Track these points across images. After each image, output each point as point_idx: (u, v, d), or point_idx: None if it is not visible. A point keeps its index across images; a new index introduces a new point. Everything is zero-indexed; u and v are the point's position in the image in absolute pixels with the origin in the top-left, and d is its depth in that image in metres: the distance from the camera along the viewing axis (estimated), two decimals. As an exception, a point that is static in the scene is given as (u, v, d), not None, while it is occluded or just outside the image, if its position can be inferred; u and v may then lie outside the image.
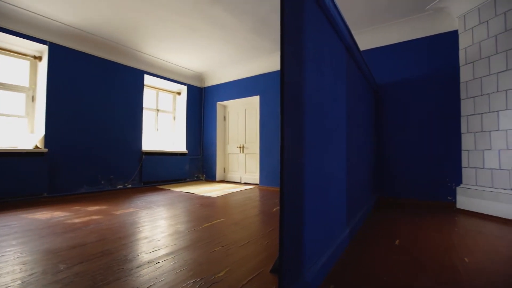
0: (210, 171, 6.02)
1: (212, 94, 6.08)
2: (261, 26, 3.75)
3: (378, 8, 3.28)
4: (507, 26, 2.56)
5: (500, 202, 2.56)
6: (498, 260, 1.61)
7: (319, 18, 1.44)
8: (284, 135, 1.03)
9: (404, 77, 3.59)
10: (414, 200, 3.42)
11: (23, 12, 3.30)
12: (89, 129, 4.08)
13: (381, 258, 1.63)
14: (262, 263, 1.53)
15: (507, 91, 2.56)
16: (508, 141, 2.55)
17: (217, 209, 3.03)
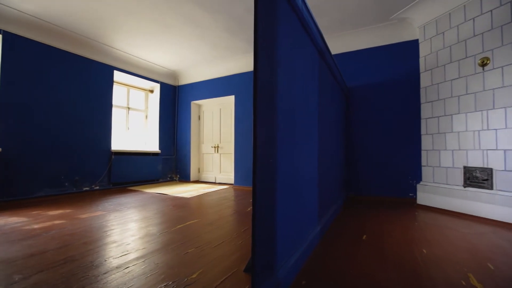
0: (184, 171, 5.88)
1: (187, 92, 5.96)
2: (236, 26, 3.75)
3: (348, 15, 3.44)
4: (459, 38, 2.83)
5: (454, 197, 2.82)
6: (451, 250, 1.78)
7: (292, 21, 1.48)
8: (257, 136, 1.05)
9: (371, 81, 3.80)
10: (381, 197, 3.64)
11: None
12: (50, 127, 3.78)
13: (350, 253, 1.71)
14: (236, 263, 1.54)
15: (459, 97, 2.83)
16: (459, 142, 2.82)
17: (191, 210, 2.97)
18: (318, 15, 3.39)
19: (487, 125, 2.57)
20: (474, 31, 2.70)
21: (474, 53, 2.69)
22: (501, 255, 1.68)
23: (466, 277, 1.37)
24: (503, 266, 1.51)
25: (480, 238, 2.01)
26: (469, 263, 1.55)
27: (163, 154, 5.72)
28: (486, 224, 2.40)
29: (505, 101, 2.43)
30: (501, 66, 2.47)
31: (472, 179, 2.68)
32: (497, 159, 2.49)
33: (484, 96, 2.60)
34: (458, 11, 2.85)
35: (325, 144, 2.31)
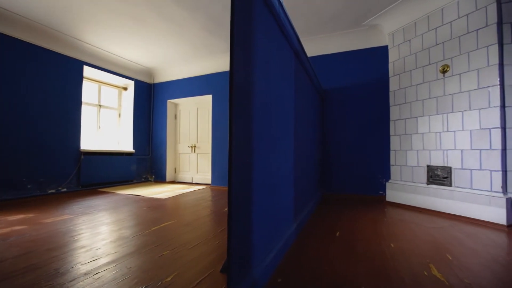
0: (159, 172, 5.71)
1: (163, 91, 5.79)
2: (213, 25, 3.71)
3: (323, 19, 3.55)
4: (424, 46, 3.05)
5: (418, 194, 3.03)
6: (416, 243, 1.91)
7: (269, 23, 1.50)
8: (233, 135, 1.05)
9: (345, 84, 3.96)
10: (353, 195, 3.81)
11: None
12: (11, 125, 3.48)
13: (324, 250, 1.78)
14: (212, 264, 1.53)
15: (423, 101, 3.04)
16: (423, 142, 3.03)
17: (166, 211, 2.90)
18: (295, 17, 3.46)
19: (447, 127, 2.79)
20: (436, 40, 2.91)
21: (436, 60, 2.90)
22: (458, 246, 1.83)
23: (428, 268, 1.48)
24: (460, 256, 1.66)
25: (441, 232, 2.18)
26: (431, 255, 1.68)
27: (137, 154, 5.51)
28: (446, 218, 2.61)
29: (462, 105, 2.66)
30: (459, 73, 2.69)
31: (434, 177, 2.90)
32: (455, 158, 2.71)
33: (445, 100, 2.82)
34: (423, 21, 3.06)
35: (301, 144, 2.37)
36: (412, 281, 1.34)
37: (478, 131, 2.52)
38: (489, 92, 2.45)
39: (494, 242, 1.93)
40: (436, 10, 2.91)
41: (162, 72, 5.71)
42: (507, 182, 2.37)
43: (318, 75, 3.96)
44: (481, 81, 2.51)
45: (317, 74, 3.93)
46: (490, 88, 2.44)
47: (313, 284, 1.31)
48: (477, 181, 2.52)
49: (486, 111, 2.47)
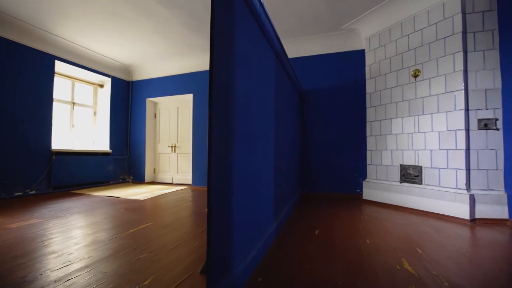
0: (138, 172, 5.54)
1: (142, 89, 5.61)
2: (194, 23, 3.66)
3: (304, 22, 3.62)
4: (397, 51, 3.21)
5: (392, 192, 3.18)
6: (389, 239, 2.01)
7: (250, 23, 1.51)
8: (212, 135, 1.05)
9: (325, 85, 4.07)
10: (332, 194, 3.92)
11: None
12: (-29, 123, 3.22)
13: (303, 248, 1.82)
14: (192, 265, 1.52)
15: (397, 103, 3.20)
16: (397, 143, 3.19)
17: (145, 213, 2.82)
18: (277, 19, 3.50)
19: (418, 129, 2.96)
20: (408, 46, 3.08)
21: (409, 65, 3.07)
22: (428, 241, 1.95)
23: (400, 262, 1.57)
24: (429, 250, 1.76)
25: (412, 227, 2.31)
26: (403, 250, 1.77)
27: (114, 154, 5.30)
28: (417, 215, 2.77)
29: (432, 108, 2.83)
30: (429, 78, 2.86)
31: (406, 176, 3.06)
32: (425, 158, 2.88)
33: (416, 103, 2.98)
34: (397, 27, 3.22)
35: (281, 144, 2.40)
36: (386, 275, 1.41)
37: (445, 133, 2.70)
38: (455, 96, 2.63)
39: (458, 236, 2.07)
40: (408, 18, 3.07)
41: (141, 70, 5.54)
42: (470, 180, 2.56)
43: (299, 76, 4.03)
44: (448, 86, 2.68)
45: (298, 75, 4.00)
46: (456, 92, 2.62)
47: (292, 282, 1.33)
48: (444, 179, 2.70)
49: (452, 113, 2.65)
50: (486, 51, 2.56)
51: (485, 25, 2.58)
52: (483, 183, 2.53)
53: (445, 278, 1.36)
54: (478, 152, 2.55)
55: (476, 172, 2.55)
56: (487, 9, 2.58)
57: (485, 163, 2.53)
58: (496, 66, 2.53)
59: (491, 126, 2.51)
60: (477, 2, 2.61)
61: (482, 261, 1.59)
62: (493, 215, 2.46)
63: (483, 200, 2.48)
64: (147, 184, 5.38)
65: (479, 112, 2.55)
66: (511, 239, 2.01)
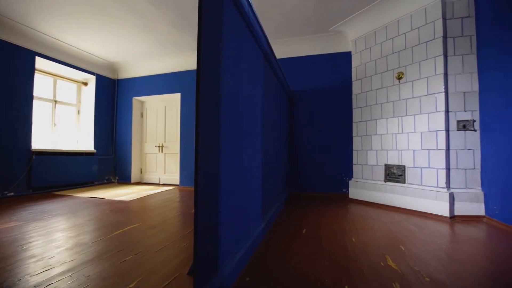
0: (124, 173, 5.41)
1: (128, 87, 5.49)
2: (183, 21, 3.62)
3: (292, 23, 3.66)
4: (382, 53, 3.30)
5: (377, 191, 3.27)
6: (374, 237, 2.06)
7: (238, 23, 1.51)
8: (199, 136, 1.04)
9: (313, 86, 4.12)
10: (319, 194, 3.98)
11: None
12: None
13: (291, 247, 1.83)
14: (179, 267, 1.50)
15: (381, 104, 3.29)
16: (382, 143, 3.28)
17: (131, 214, 2.76)
18: (265, 20, 3.52)
19: (401, 129, 3.05)
20: (393, 49, 3.17)
21: (393, 67, 3.16)
22: (410, 238, 2.02)
23: (384, 259, 1.61)
24: (411, 247, 1.83)
25: (396, 225, 2.38)
26: (387, 247, 1.83)
27: (99, 154, 5.16)
28: (401, 213, 2.85)
29: (414, 109, 2.93)
30: (412, 80, 2.96)
31: (391, 175, 3.15)
32: (408, 157, 2.98)
33: (400, 104, 3.08)
34: (381, 30, 3.31)
35: (269, 144, 2.42)
36: (370, 271, 1.45)
37: (427, 133, 2.80)
38: (436, 98, 2.73)
39: (439, 233, 2.16)
40: (393, 22, 3.17)
41: (127, 68, 5.42)
42: (450, 179, 2.67)
43: (287, 77, 4.07)
44: (430, 88, 2.79)
45: (286, 75, 4.03)
46: (437, 94, 2.73)
47: (280, 281, 1.35)
48: (426, 178, 2.80)
49: (433, 115, 2.75)
50: (464, 55, 2.68)
51: (464, 30, 2.70)
52: (461, 182, 2.64)
53: (426, 274, 1.42)
54: (457, 152, 2.66)
55: (455, 171, 2.66)
56: (466, 16, 2.70)
57: (463, 162, 2.65)
58: (473, 70, 2.65)
59: (469, 127, 2.63)
60: (456, 9, 2.72)
61: (460, 256, 1.66)
62: (471, 212, 2.57)
63: (461, 198, 2.59)
64: (133, 184, 5.27)
65: (458, 114, 2.67)
66: (487, 235, 2.11)
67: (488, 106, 2.51)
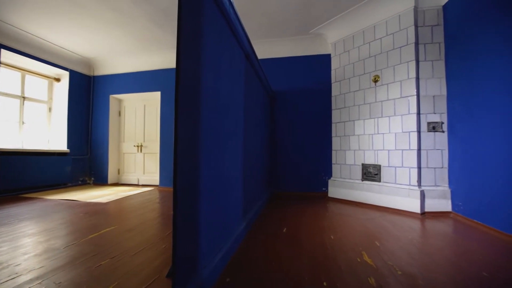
0: (100, 173, 5.19)
1: (105, 84, 5.26)
2: (163, 18, 3.54)
3: (274, 24, 3.70)
4: (360, 57, 3.42)
5: (355, 189, 3.39)
6: (351, 234, 2.14)
7: (219, 22, 1.51)
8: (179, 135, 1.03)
9: (293, 87, 4.19)
10: (300, 193, 4.06)
11: None
12: None
13: (272, 246, 1.86)
14: (158, 269, 1.47)
15: (359, 106, 3.41)
16: (359, 143, 3.40)
17: (107, 216, 2.66)
18: (247, 20, 3.52)
19: (377, 130, 3.19)
20: (369, 53, 3.30)
21: (370, 70, 3.29)
22: (385, 234, 2.12)
23: (360, 255, 1.68)
24: (385, 243, 1.91)
25: (372, 222, 2.48)
26: (363, 243, 1.90)
27: (73, 154, 4.91)
28: (377, 210, 2.98)
29: (389, 111, 3.07)
30: (387, 83, 3.10)
31: (367, 174, 3.28)
32: (383, 157, 3.11)
33: (376, 106, 3.21)
34: (359, 35, 3.43)
35: (250, 143, 2.43)
36: (347, 267, 1.50)
37: (401, 134, 2.94)
38: (409, 101, 2.88)
39: (411, 228, 2.28)
40: (370, 27, 3.30)
41: (104, 64, 5.19)
42: (421, 177, 2.83)
43: (268, 77, 4.10)
44: (403, 91, 2.93)
45: (267, 76, 4.06)
46: (409, 97, 2.88)
47: (260, 281, 1.36)
48: (400, 176, 2.94)
49: (406, 117, 2.90)
50: (434, 61, 2.85)
51: (433, 37, 2.87)
52: (431, 180, 2.81)
53: (399, 267, 1.49)
54: (427, 152, 2.83)
55: (426, 170, 2.82)
56: (435, 24, 2.87)
57: (433, 162, 2.82)
58: (442, 75, 2.83)
59: (438, 128, 2.80)
60: (427, 17, 2.89)
61: (429, 250, 1.77)
62: (439, 208, 2.74)
63: (431, 195, 2.76)
64: (110, 185, 5.07)
65: (429, 116, 2.83)
66: (453, 229, 2.26)
67: (454, 109, 2.69)
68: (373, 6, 3.14)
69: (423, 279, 1.36)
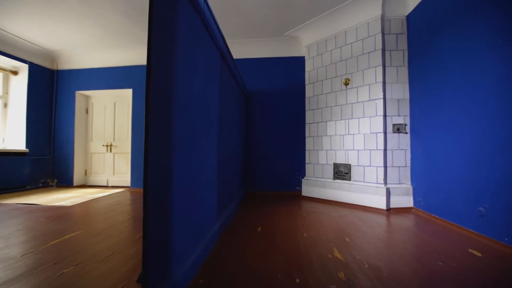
0: (65, 175, 4.85)
1: (70, 80, 4.92)
2: (136, 12, 3.39)
3: (250, 25, 3.71)
4: (332, 60, 3.56)
5: (327, 188, 3.52)
6: (323, 231, 2.22)
7: (194, 20, 1.49)
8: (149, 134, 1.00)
9: (269, 87, 4.25)
10: (275, 192, 4.12)
11: None
12: None
13: (246, 246, 1.87)
14: (128, 274, 1.42)
15: (331, 107, 3.55)
16: (331, 143, 3.54)
17: (72, 221, 2.50)
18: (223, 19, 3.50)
19: (348, 131, 3.34)
20: (341, 57, 3.45)
21: (341, 74, 3.44)
22: (354, 230, 2.22)
23: (331, 251, 1.75)
24: (355, 238, 2.01)
25: (342, 219, 2.60)
26: (334, 240, 1.98)
27: (33, 154, 4.53)
28: (348, 208, 3.12)
29: (359, 113, 3.23)
30: (356, 87, 3.26)
31: (339, 173, 3.42)
32: (353, 157, 3.27)
33: (347, 108, 3.36)
34: (331, 39, 3.57)
35: (225, 143, 2.42)
36: (319, 263, 1.56)
37: (369, 135, 3.11)
38: (376, 104, 3.06)
39: (378, 224, 2.42)
40: (341, 32, 3.44)
41: (69, 58, 4.85)
42: (387, 176, 3.01)
43: (244, 77, 4.11)
44: (371, 94, 3.10)
45: (243, 76, 4.07)
46: (377, 100, 3.05)
47: (234, 281, 1.37)
48: (368, 175, 3.11)
49: (374, 118, 3.07)
50: (398, 67, 3.05)
51: (398, 45, 3.07)
52: (396, 178, 3.01)
53: (366, 261, 1.58)
54: (392, 152, 3.02)
55: (391, 169, 3.01)
56: (400, 32, 3.08)
57: (397, 161, 3.01)
58: (405, 80, 3.04)
59: (402, 130, 3.00)
60: (392, 25, 3.09)
61: (394, 243, 1.90)
62: (402, 204, 2.95)
63: (396, 192, 2.95)
64: (76, 188, 4.76)
65: (394, 118, 3.03)
66: (414, 224, 2.44)
67: (415, 112, 2.90)
68: (344, 12, 3.29)
69: (387, 271, 1.46)
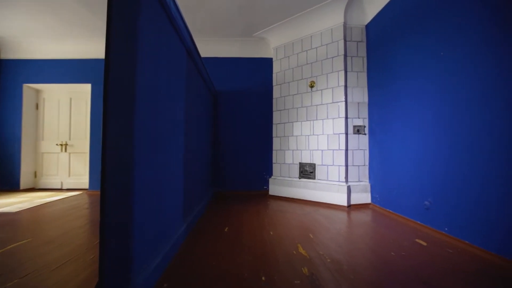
0: (9, 178, 4.33)
1: (16, 71, 4.40)
2: (95, 2, 3.16)
3: (218, 24, 3.69)
4: (298, 63, 3.69)
5: (293, 187, 3.64)
6: (289, 228, 2.29)
7: (158, 15, 1.44)
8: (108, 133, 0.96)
9: (237, 87, 4.26)
10: (243, 192, 4.15)
11: None
12: None
13: (213, 246, 1.86)
14: (84, 283, 1.33)
15: (297, 109, 3.68)
16: (297, 143, 3.67)
17: (18, 229, 2.25)
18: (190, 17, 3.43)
19: (313, 132, 3.49)
20: (307, 60, 3.59)
21: (307, 76, 3.58)
22: (318, 227, 2.33)
23: (296, 247, 1.82)
24: (318, 234, 2.12)
25: (307, 216, 2.71)
26: (299, 236, 2.06)
27: (-33, 154, 3.97)
28: (313, 205, 3.26)
29: (323, 114, 3.40)
30: (321, 89, 3.42)
31: (304, 172, 3.56)
32: (318, 156, 3.43)
33: (312, 110, 3.51)
34: (298, 42, 3.70)
35: (191, 143, 2.38)
36: (285, 260, 1.61)
37: (332, 135, 3.29)
38: (339, 106, 3.24)
39: (340, 220, 2.57)
40: (307, 36, 3.58)
41: (16, 46, 4.33)
42: (348, 174, 3.21)
43: (212, 77, 4.07)
44: (334, 97, 3.28)
45: (211, 75, 4.03)
46: (339, 103, 3.24)
47: (200, 283, 1.35)
48: (331, 174, 3.28)
49: (337, 120, 3.25)
50: (358, 72, 3.27)
51: (358, 52, 3.29)
52: (356, 176, 3.22)
53: (328, 256, 1.68)
54: (353, 152, 3.23)
55: (351, 167, 3.22)
56: (359, 40, 3.30)
57: (357, 160, 3.23)
58: (364, 85, 3.27)
59: (362, 131, 3.23)
60: (354, 33, 3.30)
61: (353, 238, 2.03)
62: (361, 201, 3.17)
63: (355, 190, 3.16)
64: (23, 191, 4.28)
65: (354, 120, 3.24)
66: (372, 218, 2.64)
67: (373, 115, 3.14)
68: (310, 18, 3.43)
69: (347, 264, 1.56)
